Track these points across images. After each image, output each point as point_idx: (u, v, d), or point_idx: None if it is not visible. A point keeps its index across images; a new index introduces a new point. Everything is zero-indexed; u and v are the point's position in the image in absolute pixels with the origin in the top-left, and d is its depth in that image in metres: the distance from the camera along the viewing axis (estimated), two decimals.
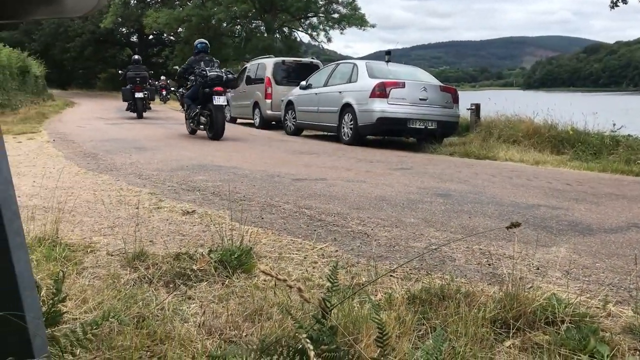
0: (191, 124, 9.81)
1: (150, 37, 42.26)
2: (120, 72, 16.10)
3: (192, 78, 9.50)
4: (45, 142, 7.98)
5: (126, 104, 15.04)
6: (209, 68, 9.27)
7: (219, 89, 8.92)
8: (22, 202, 3.64)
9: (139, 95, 14.25)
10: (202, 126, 9.36)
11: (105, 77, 43.03)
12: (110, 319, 1.41)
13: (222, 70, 9.43)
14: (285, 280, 0.97)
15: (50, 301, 1.44)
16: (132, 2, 35.85)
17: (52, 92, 27.78)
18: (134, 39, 44.18)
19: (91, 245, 2.64)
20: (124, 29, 41.87)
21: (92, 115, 15.48)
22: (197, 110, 9.36)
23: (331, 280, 1.15)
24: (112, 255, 2.49)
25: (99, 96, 31.88)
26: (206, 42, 10.22)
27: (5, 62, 15.59)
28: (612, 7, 13.86)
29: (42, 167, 5.38)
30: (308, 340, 0.82)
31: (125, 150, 7.16)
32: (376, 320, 1.06)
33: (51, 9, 0.72)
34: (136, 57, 15.88)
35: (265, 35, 31.90)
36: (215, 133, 9.08)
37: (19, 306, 0.84)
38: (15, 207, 0.83)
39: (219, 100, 8.85)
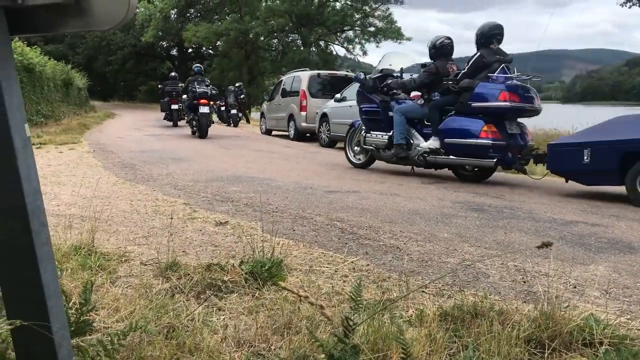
0: (189, 127, 13.23)
1: (190, 50, 43.06)
2: (159, 86, 18.73)
3: (190, 94, 12.76)
4: (86, 153, 8.20)
5: (164, 114, 17.54)
6: (198, 86, 12.51)
7: (204, 101, 12.02)
8: (61, 211, 3.74)
9: (174, 106, 16.45)
10: (194, 128, 12.59)
11: (146, 89, 44.03)
12: (137, 329, 1.42)
13: (209, 88, 12.75)
14: (307, 298, 0.96)
15: (79, 311, 1.46)
16: (172, 16, 36.63)
17: (94, 103, 28.62)
18: (174, 52, 45.09)
19: (125, 255, 2.69)
20: (164, 43, 42.70)
21: (132, 126, 15.90)
22: (191, 117, 12.78)
23: (354, 297, 1.13)
24: (145, 265, 2.52)
25: (140, 108, 32.65)
26: (200, 66, 14.41)
27: (50, 75, 16.18)
28: None
29: (82, 177, 5.52)
30: None
31: (162, 161, 7.29)
32: (400, 340, 1.04)
33: (82, 22, 0.75)
34: (173, 74, 18.49)
35: (302, 48, 32.17)
36: (201, 133, 12.10)
37: (45, 316, 0.86)
38: (43, 217, 0.85)
39: (204, 109, 11.96)
